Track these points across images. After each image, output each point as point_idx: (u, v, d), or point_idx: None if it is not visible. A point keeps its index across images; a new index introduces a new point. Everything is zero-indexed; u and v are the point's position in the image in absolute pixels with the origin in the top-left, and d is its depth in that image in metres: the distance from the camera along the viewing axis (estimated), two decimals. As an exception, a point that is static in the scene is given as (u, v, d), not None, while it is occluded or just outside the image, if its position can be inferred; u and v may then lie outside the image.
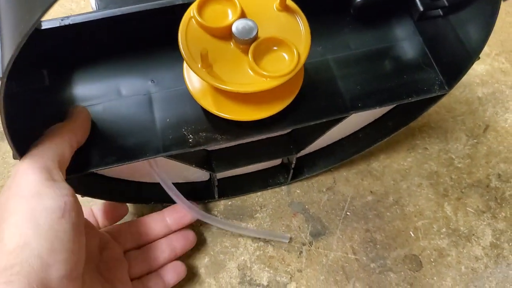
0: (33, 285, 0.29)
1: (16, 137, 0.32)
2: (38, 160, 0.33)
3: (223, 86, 0.34)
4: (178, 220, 0.46)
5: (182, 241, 0.46)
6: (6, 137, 0.32)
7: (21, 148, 0.33)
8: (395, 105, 0.43)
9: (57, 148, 0.34)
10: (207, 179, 0.51)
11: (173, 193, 0.44)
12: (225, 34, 0.36)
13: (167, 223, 0.46)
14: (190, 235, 0.47)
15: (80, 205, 0.35)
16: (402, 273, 0.48)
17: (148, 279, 0.44)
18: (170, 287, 0.45)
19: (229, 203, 0.52)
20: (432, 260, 0.49)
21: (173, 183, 0.50)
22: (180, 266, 0.45)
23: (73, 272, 0.32)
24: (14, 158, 0.33)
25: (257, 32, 0.35)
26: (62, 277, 0.31)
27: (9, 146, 0.57)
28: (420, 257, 0.49)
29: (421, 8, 0.40)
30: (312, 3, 0.37)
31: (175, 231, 0.46)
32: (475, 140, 0.56)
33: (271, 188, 0.52)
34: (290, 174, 0.50)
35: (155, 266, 0.45)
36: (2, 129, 0.58)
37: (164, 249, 0.45)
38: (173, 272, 0.45)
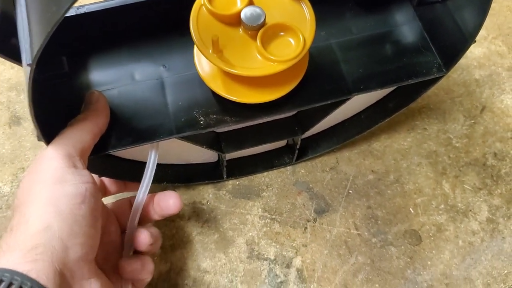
0: (54, 265, 0.31)
1: (40, 121, 0.34)
2: (61, 148, 0.35)
3: (233, 71, 0.36)
4: (161, 209, 0.44)
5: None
6: (33, 121, 0.33)
7: (45, 131, 0.35)
8: (395, 87, 0.45)
9: (79, 137, 0.36)
10: (215, 160, 0.53)
11: (148, 177, 0.42)
12: (234, 21, 0.38)
13: (155, 210, 0.44)
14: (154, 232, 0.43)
15: (99, 192, 0.37)
16: (403, 247, 0.51)
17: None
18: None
19: (237, 182, 0.54)
20: (431, 234, 0.51)
21: (184, 164, 0.52)
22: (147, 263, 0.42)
23: (88, 255, 0.34)
24: (39, 140, 0.35)
25: (265, 19, 0.37)
26: (79, 259, 0.33)
27: (24, 131, 0.59)
28: (419, 232, 0.51)
29: (420, -6, 0.42)
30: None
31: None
32: (472, 121, 0.58)
33: (277, 168, 0.54)
34: (295, 155, 0.53)
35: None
36: (17, 113, 0.60)
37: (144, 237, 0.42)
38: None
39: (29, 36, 0.29)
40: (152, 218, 0.45)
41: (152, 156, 0.42)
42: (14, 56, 0.40)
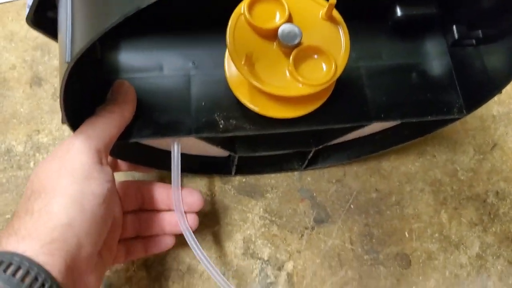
0: (67, 261, 0.33)
1: (67, 105, 0.34)
2: (91, 141, 0.36)
3: (261, 87, 0.37)
4: (189, 204, 0.46)
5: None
6: (60, 106, 0.34)
7: (70, 115, 0.36)
8: (414, 120, 0.46)
9: (107, 130, 0.36)
10: (226, 155, 0.54)
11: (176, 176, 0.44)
12: (270, 35, 0.38)
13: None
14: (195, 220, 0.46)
15: (116, 189, 0.38)
16: (392, 268, 0.52)
17: (132, 244, 0.46)
18: (149, 254, 0.47)
19: (244, 180, 0.55)
20: (420, 261, 0.53)
21: (195, 155, 0.53)
22: (170, 240, 0.47)
23: (95, 251, 0.36)
24: (63, 123, 0.36)
25: (301, 39, 0.37)
26: (88, 256, 0.35)
27: (44, 93, 0.60)
28: (410, 256, 0.53)
29: (456, 36, 0.42)
30: (353, 7, 0.39)
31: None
32: (481, 156, 0.59)
33: (285, 172, 0.56)
34: (305, 163, 0.54)
35: (144, 235, 0.46)
36: (39, 74, 0.61)
37: (163, 225, 0.46)
38: (159, 245, 0.47)
39: (72, 31, 0.29)
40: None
41: (175, 148, 0.43)
42: (50, 30, 0.40)
